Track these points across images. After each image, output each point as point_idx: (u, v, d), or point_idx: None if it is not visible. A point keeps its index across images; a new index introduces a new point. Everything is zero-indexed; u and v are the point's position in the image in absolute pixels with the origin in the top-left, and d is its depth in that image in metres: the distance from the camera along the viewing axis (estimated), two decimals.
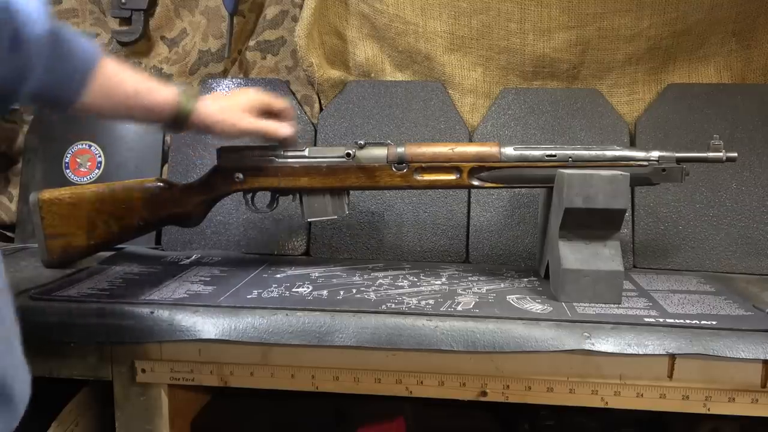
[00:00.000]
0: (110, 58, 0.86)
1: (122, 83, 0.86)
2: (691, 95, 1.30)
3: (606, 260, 0.97)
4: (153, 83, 0.91)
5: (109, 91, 0.85)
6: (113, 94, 0.86)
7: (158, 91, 0.91)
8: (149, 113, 0.92)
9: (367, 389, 0.93)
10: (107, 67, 0.84)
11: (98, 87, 0.83)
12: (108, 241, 1.12)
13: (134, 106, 0.89)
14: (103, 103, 0.85)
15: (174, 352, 0.95)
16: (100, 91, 0.84)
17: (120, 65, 0.87)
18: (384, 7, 1.35)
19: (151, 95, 0.90)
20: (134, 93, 0.88)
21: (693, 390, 0.87)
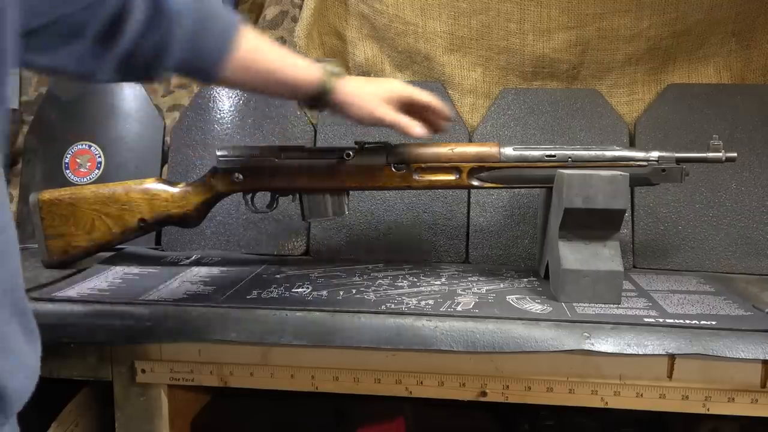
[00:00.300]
0: (250, 31, 0.84)
1: (262, 57, 0.85)
2: (691, 95, 1.30)
3: (606, 260, 0.97)
4: (295, 58, 0.90)
5: (250, 65, 0.84)
6: (253, 68, 0.85)
7: (300, 67, 0.90)
8: (289, 89, 0.91)
9: (367, 389, 0.93)
10: (247, 40, 0.83)
11: (238, 60, 0.83)
12: (108, 241, 1.12)
13: (274, 82, 0.88)
14: (243, 76, 0.85)
15: (174, 353, 0.95)
16: (240, 65, 0.83)
17: (260, 38, 0.86)
18: (383, 7, 1.35)
19: (293, 71, 0.89)
20: (274, 68, 0.87)
21: (693, 390, 0.87)
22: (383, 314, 0.91)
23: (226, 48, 0.81)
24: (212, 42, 0.79)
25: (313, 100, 0.93)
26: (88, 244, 1.11)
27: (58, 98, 1.45)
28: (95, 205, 1.09)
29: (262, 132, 1.38)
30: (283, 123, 1.37)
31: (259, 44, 0.85)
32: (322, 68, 0.92)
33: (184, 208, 1.12)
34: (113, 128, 1.43)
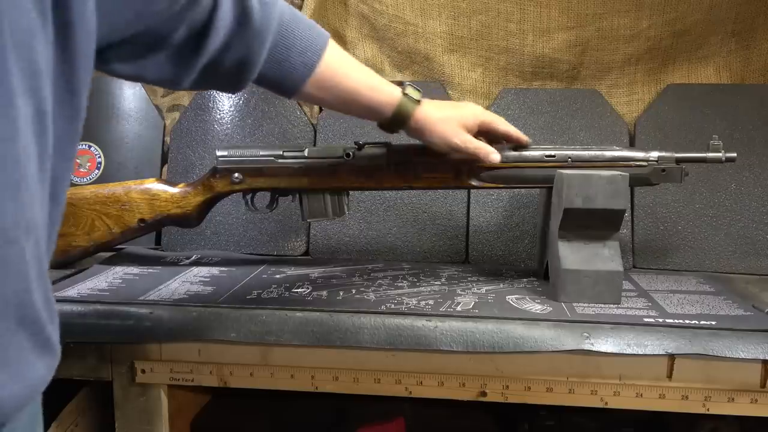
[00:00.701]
0: (335, 48, 0.85)
1: (344, 78, 0.86)
2: (691, 96, 1.30)
3: (605, 260, 0.97)
4: (376, 81, 0.90)
5: (330, 86, 0.85)
6: (333, 89, 0.86)
7: (380, 90, 0.90)
8: (368, 112, 0.91)
9: (367, 389, 0.93)
10: (331, 60, 0.83)
11: (319, 80, 0.83)
12: (108, 241, 1.12)
13: (353, 103, 0.89)
14: (322, 95, 0.86)
15: (174, 353, 0.95)
16: (321, 85, 0.84)
17: (344, 57, 0.87)
18: (383, 7, 1.35)
19: (371, 94, 0.89)
20: (355, 90, 0.87)
21: (692, 390, 0.87)
22: (383, 314, 0.91)
23: (308, 68, 0.82)
24: (295, 61, 0.81)
25: (390, 122, 0.93)
26: (88, 244, 1.11)
27: None
28: (95, 205, 1.09)
29: (262, 132, 1.38)
30: (283, 123, 1.38)
31: (342, 64, 0.86)
32: (400, 92, 0.91)
33: (184, 208, 1.12)
34: (113, 128, 1.43)
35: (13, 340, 0.50)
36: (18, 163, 0.47)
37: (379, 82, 0.90)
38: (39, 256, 0.52)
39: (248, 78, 0.80)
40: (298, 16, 0.82)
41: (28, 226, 0.49)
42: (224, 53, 0.76)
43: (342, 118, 1.36)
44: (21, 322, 0.50)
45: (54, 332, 0.56)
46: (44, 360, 0.54)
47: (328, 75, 0.84)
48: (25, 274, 0.49)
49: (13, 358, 0.50)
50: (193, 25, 0.72)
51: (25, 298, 0.50)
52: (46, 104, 0.51)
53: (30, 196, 0.49)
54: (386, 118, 0.92)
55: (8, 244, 0.47)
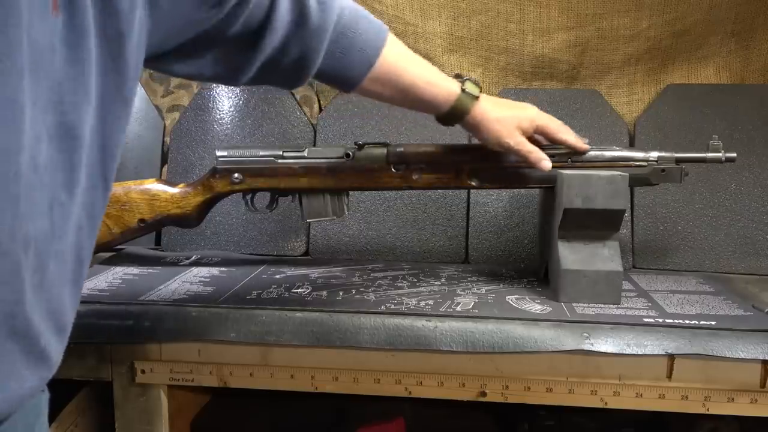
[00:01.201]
0: (394, 43, 0.85)
1: (402, 74, 0.86)
2: (691, 96, 1.30)
3: (605, 260, 0.97)
4: (434, 75, 0.90)
5: (389, 80, 0.86)
6: (392, 83, 0.86)
7: (438, 85, 0.90)
8: (425, 106, 0.91)
9: (367, 390, 0.93)
10: (390, 56, 0.84)
11: (378, 75, 0.84)
12: (107, 241, 1.12)
13: (411, 97, 0.89)
14: (380, 89, 0.86)
15: (173, 353, 0.95)
16: (379, 80, 0.85)
17: (403, 52, 0.87)
18: (383, 8, 1.35)
19: (430, 89, 0.89)
20: (412, 84, 0.87)
21: (692, 390, 0.87)
22: (383, 314, 0.91)
23: (366, 65, 0.83)
24: (354, 58, 0.81)
25: (447, 117, 0.93)
26: None
27: None
28: None
29: (262, 132, 1.38)
30: (283, 123, 1.38)
31: (400, 60, 0.86)
32: (459, 88, 0.91)
33: (184, 208, 1.12)
34: None
35: (2, 350, 0.49)
36: (19, 177, 0.47)
37: (437, 77, 0.90)
38: (42, 267, 0.51)
39: (306, 76, 0.80)
40: (358, 12, 0.82)
41: (26, 239, 0.49)
42: (282, 52, 0.76)
43: (342, 119, 1.36)
44: (11, 334, 0.49)
45: (54, 343, 0.55)
46: (36, 372, 0.53)
47: (386, 71, 0.85)
48: (17, 287, 0.49)
49: (1, 369, 0.49)
50: (249, 24, 0.72)
51: (16, 310, 0.49)
52: (75, 117, 0.51)
53: (33, 209, 0.49)
54: (443, 113, 0.93)
55: (1, 257, 0.47)
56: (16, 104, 0.46)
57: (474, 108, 0.92)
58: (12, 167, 0.46)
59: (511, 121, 0.95)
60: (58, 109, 0.50)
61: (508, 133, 0.94)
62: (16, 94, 0.46)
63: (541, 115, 0.98)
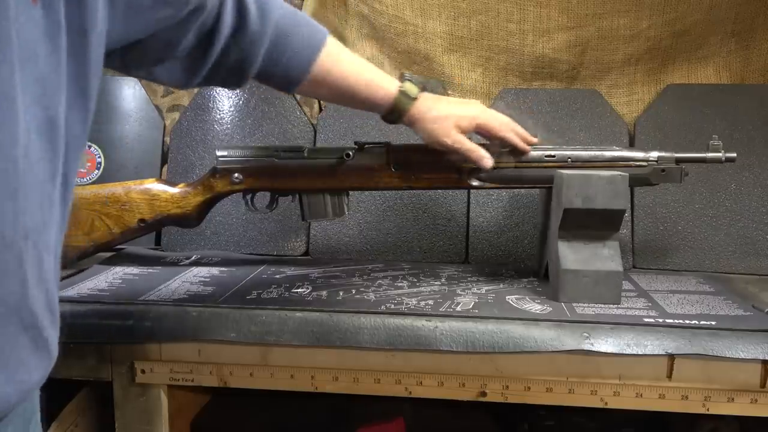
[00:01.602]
0: (334, 45, 0.87)
1: (341, 75, 0.88)
2: (691, 96, 1.30)
3: (605, 260, 0.97)
4: (373, 76, 0.92)
5: (327, 82, 0.88)
6: (331, 85, 0.88)
7: (377, 85, 0.92)
8: (365, 105, 0.93)
9: (367, 390, 0.93)
10: (328, 58, 0.86)
11: (317, 77, 0.86)
12: (108, 241, 1.12)
13: (350, 99, 0.91)
14: (320, 91, 0.89)
15: (173, 353, 0.95)
16: (318, 81, 0.87)
17: (342, 54, 0.89)
18: (383, 7, 1.35)
19: (368, 90, 0.91)
20: (351, 85, 0.89)
21: (692, 390, 0.87)
22: (383, 314, 0.91)
23: (304, 67, 0.85)
24: (292, 60, 0.84)
25: (386, 116, 0.95)
26: (88, 245, 1.11)
27: None
28: (95, 205, 1.09)
29: (262, 132, 1.38)
30: (283, 123, 1.38)
31: (339, 62, 0.88)
32: (397, 87, 0.93)
33: (184, 208, 1.12)
34: (113, 128, 1.43)
35: (12, 342, 0.50)
36: (17, 170, 0.47)
37: (375, 77, 0.92)
38: (39, 259, 0.52)
39: (247, 77, 0.84)
40: (296, 17, 0.85)
41: (26, 231, 0.49)
42: (225, 56, 0.80)
43: (342, 119, 1.36)
44: (20, 325, 0.50)
45: (53, 335, 0.56)
46: (42, 362, 0.54)
47: (325, 72, 0.87)
48: (23, 278, 0.50)
49: (11, 360, 0.50)
50: (201, 31, 0.76)
51: (22, 302, 0.50)
52: (56, 110, 0.52)
53: (29, 202, 0.50)
54: (383, 111, 0.95)
55: (6, 249, 0.48)
56: (9, 98, 0.46)
57: (412, 108, 0.94)
58: (10, 161, 0.47)
59: (449, 120, 0.95)
60: (42, 103, 0.51)
61: (444, 132, 0.95)
62: (9, 88, 0.46)
63: (485, 113, 0.98)
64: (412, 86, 0.94)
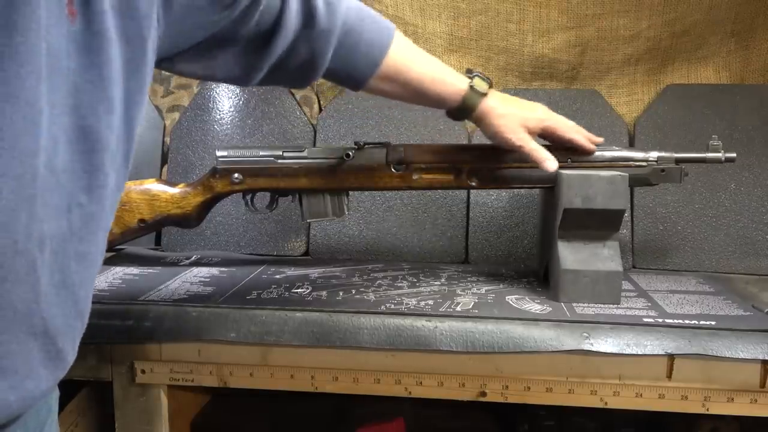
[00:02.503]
0: (401, 41, 0.86)
1: (409, 72, 0.87)
2: (690, 96, 1.30)
3: (605, 260, 0.97)
4: (442, 72, 0.91)
5: (396, 79, 0.87)
6: (399, 82, 0.87)
7: (445, 82, 0.90)
8: (433, 102, 0.92)
9: (367, 390, 0.93)
10: (396, 54, 0.85)
11: (385, 74, 0.85)
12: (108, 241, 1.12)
13: (419, 95, 0.90)
14: (388, 87, 0.88)
15: (173, 353, 0.95)
16: (387, 78, 0.86)
17: (410, 49, 0.88)
18: (383, 8, 1.35)
19: (437, 86, 0.90)
20: (419, 82, 0.88)
21: (692, 390, 0.87)
22: (383, 314, 0.91)
23: (373, 64, 0.84)
24: (360, 58, 0.83)
25: (455, 112, 0.94)
26: None
27: None
28: None
29: (262, 132, 1.38)
30: (283, 123, 1.38)
31: (407, 58, 0.87)
32: (467, 84, 0.92)
33: (184, 208, 1.12)
34: None
35: (19, 349, 0.49)
36: (35, 178, 0.47)
37: (444, 74, 0.91)
38: (61, 268, 0.52)
39: (315, 76, 0.82)
40: (363, 12, 0.83)
41: (42, 239, 0.49)
42: (291, 53, 0.78)
43: (342, 119, 1.36)
44: (30, 332, 0.50)
45: (70, 344, 0.55)
46: (53, 372, 0.54)
47: (393, 69, 0.86)
48: (35, 285, 0.49)
49: (18, 368, 0.50)
50: (261, 26, 0.74)
51: (33, 308, 0.50)
52: (93, 120, 0.52)
53: (48, 210, 0.49)
54: (451, 108, 0.93)
55: (18, 255, 0.47)
56: (35, 107, 0.46)
57: (481, 104, 0.93)
58: (28, 169, 0.47)
59: (516, 119, 0.95)
60: (76, 113, 0.51)
61: (511, 129, 0.94)
62: (35, 98, 0.46)
63: (550, 116, 0.98)
64: (482, 82, 0.93)
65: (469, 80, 0.92)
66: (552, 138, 1.00)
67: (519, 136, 0.95)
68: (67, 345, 0.55)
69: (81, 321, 0.56)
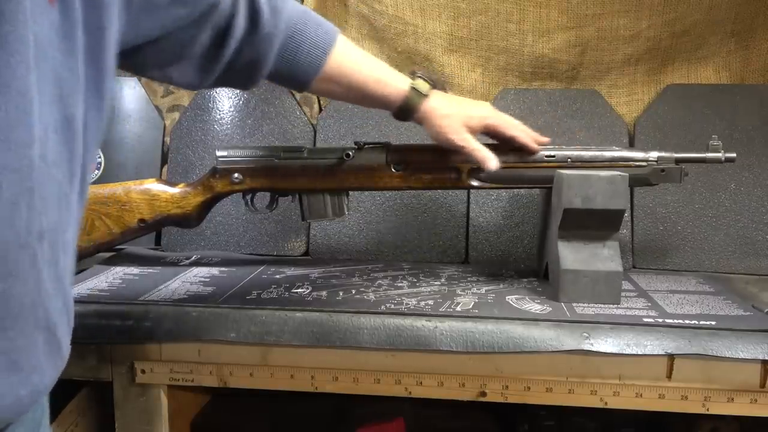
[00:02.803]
0: (345, 44, 0.88)
1: (352, 73, 0.89)
2: (690, 96, 1.30)
3: (605, 261, 0.97)
4: (385, 73, 0.92)
5: (339, 80, 0.88)
6: (342, 83, 0.89)
7: (388, 83, 0.92)
8: (377, 103, 0.93)
9: (367, 390, 0.93)
10: (339, 56, 0.87)
11: (328, 75, 0.87)
12: (108, 241, 1.12)
13: (363, 96, 0.92)
14: (333, 88, 0.90)
15: (173, 353, 0.95)
16: (331, 79, 0.88)
17: (354, 52, 0.89)
18: (383, 8, 1.35)
19: (380, 87, 0.91)
20: (364, 83, 0.90)
21: (692, 390, 0.87)
22: (383, 314, 0.91)
23: (315, 66, 0.86)
24: (303, 60, 0.85)
25: (398, 113, 0.95)
26: (88, 245, 1.11)
27: None
28: (95, 205, 1.09)
29: (262, 132, 1.38)
30: (283, 123, 1.38)
31: (350, 59, 0.89)
32: (409, 84, 0.93)
33: (184, 208, 1.12)
34: (113, 129, 1.43)
35: (27, 343, 0.50)
36: (32, 170, 0.47)
37: (386, 75, 0.92)
38: (55, 260, 0.52)
39: (259, 77, 0.84)
40: (307, 16, 0.86)
41: (41, 231, 0.49)
42: (237, 56, 0.80)
43: (342, 119, 1.36)
44: (35, 325, 0.50)
45: (66, 336, 0.56)
46: (55, 365, 0.54)
47: (337, 71, 0.88)
48: (37, 278, 0.50)
49: (26, 362, 0.50)
50: (214, 31, 0.76)
51: (37, 301, 0.50)
52: (74, 110, 0.52)
53: (45, 202, 0.50)
54: (395, 108, 0.95)
55: (21, 249, 0.48)
56: (27, 98, 0.47)
57: (423, 105, 0.94)
58: (25, 160, 0.47)
59: (459, 119, 0.96)
60: (61, 102, 0.51)
61: (453, 130, 0.96)
62: (26, 87, 0.46)
63: (493, 114, 0.99)
64: (423, 83, 0.94)
65: (411, 81, 0.93)
66: (495, 136, 1.01)
67: (462, 136, 0.96)
68: (64, 336, 0.55)
69: (69, 312, 0.56)
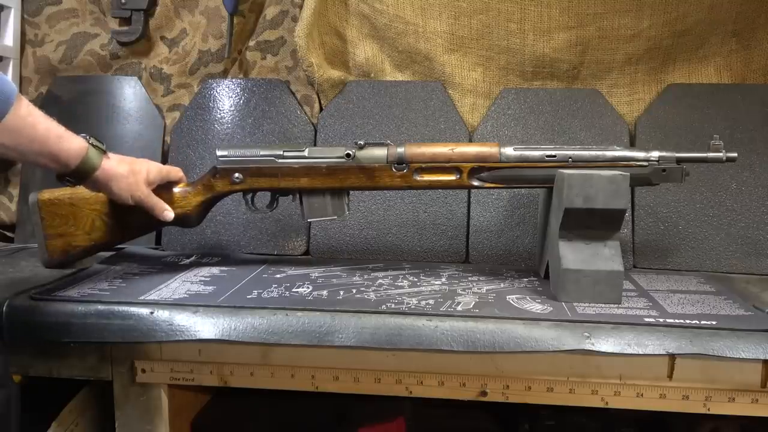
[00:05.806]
0: (24, 100, 0.86)
1: (33, 126, 0.87)
2: (691, 95, 1.30)
3: (606, 260, 0.97)
4: (63, 131, 0.91)
5: (20, 133, 0.86)
6: (23, 136, 0.86)
7: (68, 140, 0.91)
8: (55, 160, 0.91)
9: (367, 389, 0.93)
10: (20, 109, 0.84)
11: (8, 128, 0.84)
12: (108, 241, 1.12)
13: (42, 151, 0.89)
14: (10, 143, 0.86)
15: (174, 353, 0.95)
16: (10, 133, 0.85)
17: (32, 108, 0.87)
18: (384, 7, 1.35)
19: (60, 143, 0.90)
20: (44, 138, 0.88)
21: (693, 390, 0.87)
22: (383, 314, 0.91)
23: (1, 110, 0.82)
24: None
25: (76, 173, 0.93)
26: (88, 244, 1.11)
27: (59, 98, 1.46)
28: (95, 205, 1.09)
29: (262, 132, 1.38)
30: (283, 123, 1.37)
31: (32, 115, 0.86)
32: (85, 141, 0.93)
33: (184, 208, 1.12)
34: (113, 128, 1.43)
35: None
36: None
37: (66, 132, 0.91)
38: None
39: None
40: None
41: None
42: None
43: (342, 119, 1.36)
44: None
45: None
46: None
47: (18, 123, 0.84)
48: None
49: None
50: None
51: None
52: None
53: None
54: (73, 167, 0.93)
55: None
56: None
57: (104, 162, 0.96)
58: None
59: (140, 176, 1.02)
60: None
61: (137, 187, 1.02)
62: None
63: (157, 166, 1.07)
64: (96, 140, 0.95)
65: (85, 139, 0.93)
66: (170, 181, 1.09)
67: (142, 192, 1.03)
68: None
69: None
